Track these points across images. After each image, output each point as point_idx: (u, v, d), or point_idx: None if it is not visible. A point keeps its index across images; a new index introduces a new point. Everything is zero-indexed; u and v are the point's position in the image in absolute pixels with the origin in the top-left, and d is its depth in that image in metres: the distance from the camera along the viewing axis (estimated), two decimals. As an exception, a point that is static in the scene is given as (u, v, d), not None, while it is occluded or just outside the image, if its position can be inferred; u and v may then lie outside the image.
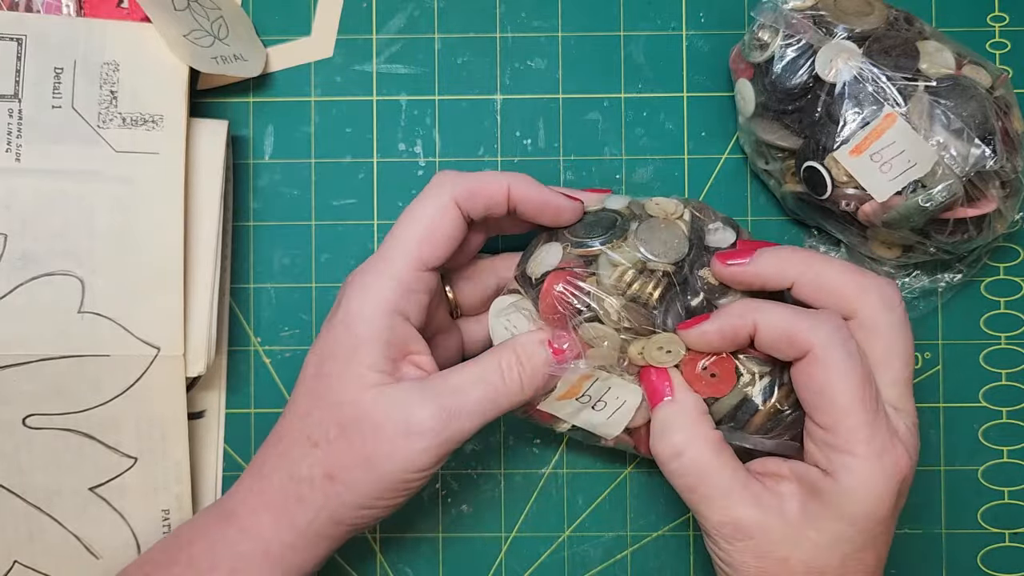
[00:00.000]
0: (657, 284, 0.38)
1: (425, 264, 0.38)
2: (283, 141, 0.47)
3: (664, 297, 0.38)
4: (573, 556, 0.47)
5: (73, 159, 0.42)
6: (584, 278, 0.38)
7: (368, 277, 0.38)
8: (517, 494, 0.47)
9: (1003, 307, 0.47)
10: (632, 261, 0.38)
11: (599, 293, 0.38)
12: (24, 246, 0.42)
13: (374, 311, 0.37)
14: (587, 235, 0.39)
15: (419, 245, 0.38)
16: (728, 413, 0.39)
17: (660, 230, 0.39)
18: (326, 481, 0.37)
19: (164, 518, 0.44)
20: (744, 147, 0.46)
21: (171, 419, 0.43)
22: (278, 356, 0.47)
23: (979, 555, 0.47)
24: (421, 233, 0.38)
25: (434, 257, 0.38)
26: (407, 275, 0.38)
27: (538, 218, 0.40)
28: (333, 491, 0.37)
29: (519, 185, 0.39)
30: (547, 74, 0.47)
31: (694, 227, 0.40)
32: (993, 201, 0.41)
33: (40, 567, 0.44)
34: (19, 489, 0.43)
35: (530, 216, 0.40)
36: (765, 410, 0.39)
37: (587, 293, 0.38)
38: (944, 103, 0.40)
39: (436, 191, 0.39)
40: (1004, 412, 0.47)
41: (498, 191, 0.39)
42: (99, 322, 0.42)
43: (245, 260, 0.47)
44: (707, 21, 0.47)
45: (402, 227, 0.39)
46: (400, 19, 0.47)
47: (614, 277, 0.38)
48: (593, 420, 0.41)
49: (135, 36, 0.43)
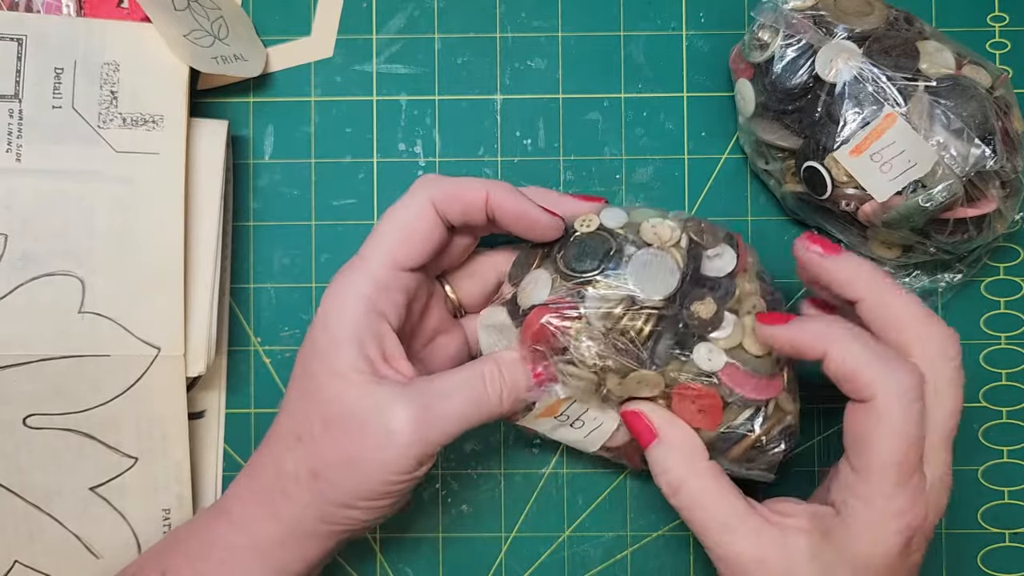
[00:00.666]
0: (647, 320, 0.38)
1: (400, 264, 0.39)
2: (283, 141, 0.47)
3: (652, 334, 0.38)
4: (573, 556, 0.47)
5: (73, 159, 0.42)
6: (568, 317, 0.37)
7: (345, 276, 0.39)
8: (517, 494, 0.47)
9: (1003, 307, 0.47)
10: (621, 297, 0.38)
11: (578, 337, 0.37)
12: (24, 246, 0.42)
13: (350, 309, 0.38)
14: (578, 265, 0.38)
15: (395, 246, 0.39)
16: (709, 441, 0.39)
17: (652, 263, 0.38)
18: (311, 478, 0.37)
19: (164, 518, 0.44)
20: (744, 147, 0.46)
21: (171, 419, 0.43)
22: (278, 356, 0.47)
23: (979, 555, 0.47)
24: (398, 234, 0.39)
25: (409, 257, 0.39)
26: (382, 274, 0.38)
27: (514, 229, 0.40)
28: (317, 488, 0.37)
29: (497, 193, 0.39)
30: (547, 74, 0.47)
31: (691, 255, 0.39)
32: (993, 201, 0.41)
33: (40, 567, 0.44)
34: (19, 489, 0.43)
35: (506, 226, 0.40)
36: (746, 442, 0.39)
37: (567, 333, 0.37)
38: (944, 103, 0.40)
39: (415, 193, 0.39)
40: (1004, 412, 0.47)
41: (475, 197, 0.39)
42: (99, 322, 0.42)
43: (245, 260, 0.47)
44: (707, 21, 0.47)
45: (380, 228, 0.39)
46: (400, 19, 0.48)
47: (601, 312, 0.38)
48: (571, 437, 0.41)
49: (135, 36, 0.43)
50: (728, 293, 0.39)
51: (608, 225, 0.40)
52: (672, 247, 0.39)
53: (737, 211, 0.47)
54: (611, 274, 0.38)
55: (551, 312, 0.38)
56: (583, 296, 0.38)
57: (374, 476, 0.36)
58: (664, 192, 0.47)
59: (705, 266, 0.39)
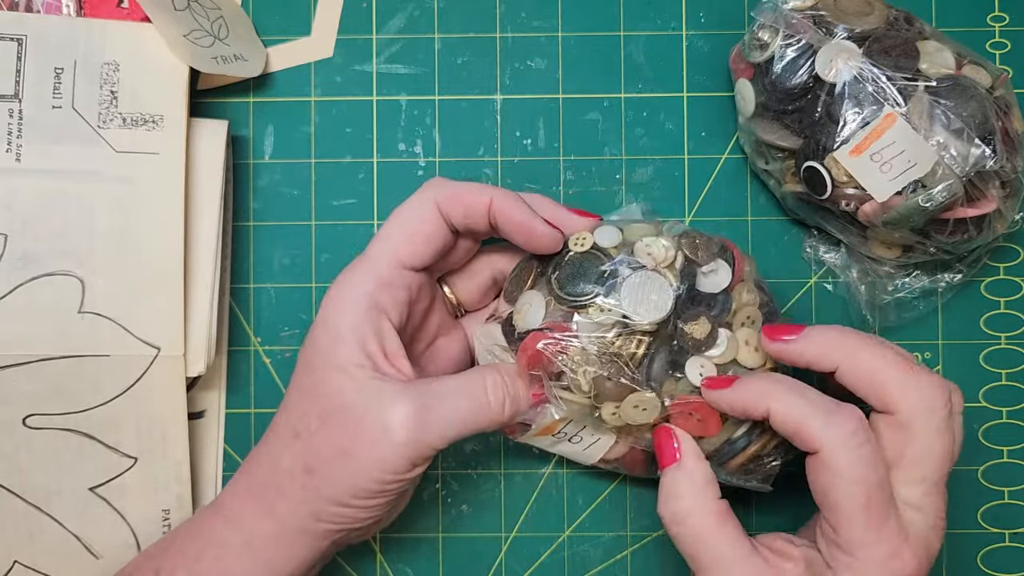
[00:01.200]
0: (640, 343, 0.38)
1: (403, 262, 0.39)
2: (283, 141, 0.47)
3: (646, 356, 0.38)
4: (573, 556, 0.47)
5: (73, 159, 0.42)
6: (562, 342, 0.37)
7: (348, 274, 0.39)
8: (517, 494, 0.47)
9: (1003, 307, 0.47)
10: (614, 320, 0.37)
11: (573, 363, 0.37)
12: (24, 246, 0.42)
13: (352, 304, 0.38)
14: (572, 289, 0.38)
15: (399, 244, 0.39)
16: (709, 454, 0.39)
17: (646, 285, 0.38)
18: (305, 474, 0.37)
19: (164, 518, 0.44)
20: (744, 147, 0.46)
21: (171, 419, 0.43)
22: (278, 356, 0.47)
23: (979, 555, 0.47)
24: (402, 234, 0.39)
25: (413, 256, 0.39)
26: (385, 271, 0.39)
27: (514, 238, 0.40)
28: (311, 484, 0.37)
29: (501, 201, 0.39)
30: (547, 74, 0.47)
31: (685, 273, 0.39)
32: (993, 201, 0.41)
33: (40, 567, 0.44)
34: (19, 489, 0.43)
35: (507, 234, 0.40)
36: (745, 455, 0.39)
37: (562, 358, 0.37)
38: (944, 103, 0.40)
39: (421, 194, 0.40)
40: (1004, 412, 0.47)
41: (478, 202, 0.39)
42: (99, 322, 0.42)
43: (245, 260, 0.47)
44: (707, 21, 0.47)
45: (385, 228, 0.40)
46: (400, 19, 0.48)
47: (595, 335, 0.37)
48: (570, 451, 0.41)
49: (135, 36, 0.43)
50: (724, 309, 0.39)
51: (602, 244, 0.39)
52: (666, 268, 0.38)
53: (737, 211, 0.47)
54: (605, 298, 0.38)
55: (546, 338, 0.37)
56: (577, 320, 0.38)
57: (367, 472, 0.36)
58: (664, 192, 0.47)
59: (700, 282, 0.39)
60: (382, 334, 0.38)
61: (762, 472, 0.40)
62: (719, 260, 0.39)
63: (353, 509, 0.37)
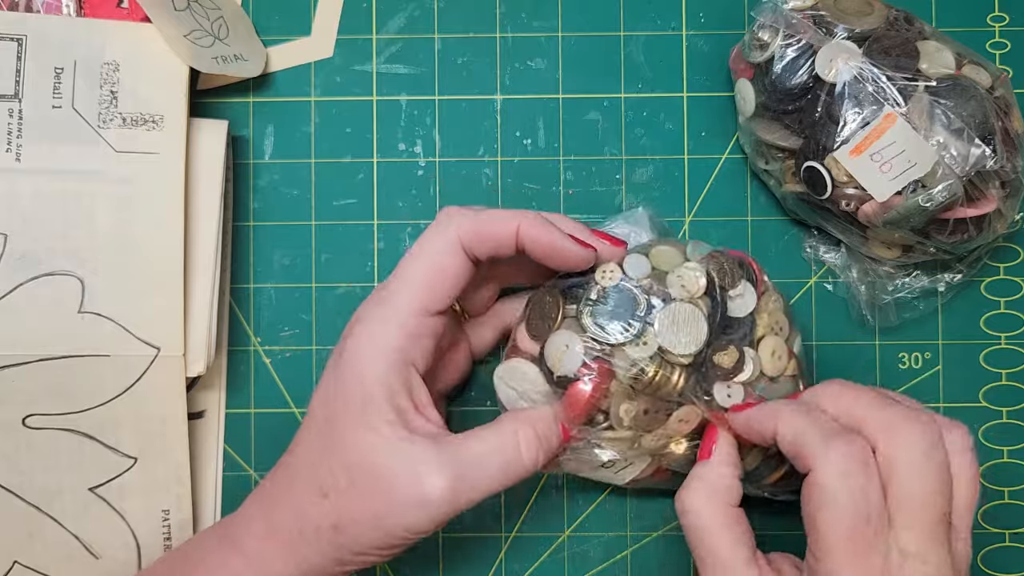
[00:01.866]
0: (679, 375, 0.38)
1: (429, 310, 0.38)
2: (283, 141, 0.47)
3: (685, 385, 0.38)
4: (573, 556, 0.47)
5: (73, 159, 0.42)
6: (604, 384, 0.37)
7: (374, 325, 0.37)
8: (517, 494, 0.47)
9: (1003, 307, 0.47)
10: (651, 354, 0.37)
11: (616, 402, 0.38)
12: (24, 246, 0.42)
13: (381, 359, 0.37)
14: (609, 327, 0.38)
15: (423, 291, 0.37)
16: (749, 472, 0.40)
17: (681, 319, 0.38)
18: (332, 530, 0.37)
19: (164, 518, 0.44)
20: (744, 147, 0.46)
21: (171, 419, 0.43)
22: (278, 356, 0.47)
23: (979, 555, 0.47)
24: (424, 278, 0.38)
25: (439, 302, 0.38)
26: (413, 322, 0.37)
27: (547, 262, 0.39)
28: (338, 540, 0.37)
29: (529, 226, 0.38)
30: (547, 74, 0.47)
31: (717, 302, 0.39)
32: (993, 201, 0.41)
33: (40, 567, 0.44)
34: (19, 489, 0.43)
35: (538, 258, 0.39)
36: (781, 471, 0.40)
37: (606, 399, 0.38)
38: (944, 103, 0.40)
39: (442, 231, 0.38)
40: (1004, 412, 0.47)
41: (505, 232, 0.38)
42: (99, 322, 0.42)
43: (245, 260, 0.47)
44: (707, 21, 0.47)
45: (407, 268, 0.38)
46: (400, 19, 0.48)
47: (633, 372, 0.37)
48: (601, 475, 0.41)
49: (135, 36, 0.43)
50: (750, 330, 0.39)
51: (631, 274, 0.39)
52: (699, 298, 0.38)
53: (737, 211, 0.47)
54: (641, 334, 0.37)
55: (592, 385, 0.37)
56: (615, 362, 0.38)
57: (396, 533, 0.36)
58: (664, 192, 0.47)
59: (728, 307, 0.39)
60: (411, 387, 0.37)
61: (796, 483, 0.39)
62: (744, 282, 0.40)
63: (375, 557, 0.37)
